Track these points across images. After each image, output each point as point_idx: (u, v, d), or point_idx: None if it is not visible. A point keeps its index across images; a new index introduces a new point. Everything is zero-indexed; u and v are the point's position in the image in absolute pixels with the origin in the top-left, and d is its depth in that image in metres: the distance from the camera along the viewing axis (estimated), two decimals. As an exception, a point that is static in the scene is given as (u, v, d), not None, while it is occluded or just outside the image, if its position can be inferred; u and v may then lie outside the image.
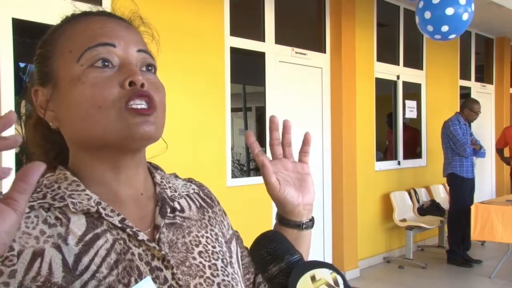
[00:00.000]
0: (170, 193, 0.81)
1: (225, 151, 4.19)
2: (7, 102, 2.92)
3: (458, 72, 7.61)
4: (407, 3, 6.16)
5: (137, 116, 0.69)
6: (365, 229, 5.61)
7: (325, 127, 5.23)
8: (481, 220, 5.07)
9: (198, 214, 0.83)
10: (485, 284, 5.11)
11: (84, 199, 0.71)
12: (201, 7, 3.99)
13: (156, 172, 0.83)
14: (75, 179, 0.73)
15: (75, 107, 0.70)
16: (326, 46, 5.25)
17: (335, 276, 0.58)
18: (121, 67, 0.71)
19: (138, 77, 0.70)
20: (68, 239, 0.67)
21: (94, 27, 0.73)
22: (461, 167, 5.55)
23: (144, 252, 0.71)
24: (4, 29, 2.91)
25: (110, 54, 0.71)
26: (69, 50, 0.72)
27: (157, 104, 0.72)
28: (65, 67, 0.72)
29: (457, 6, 3.82)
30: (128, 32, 0.75)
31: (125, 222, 0.71)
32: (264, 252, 0.62)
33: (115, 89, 0.70)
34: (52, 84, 0.74)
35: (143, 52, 0.75)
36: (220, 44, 4.15)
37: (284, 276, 0.59)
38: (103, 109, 0.69)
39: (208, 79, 4.05)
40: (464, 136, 5.53)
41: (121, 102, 0.69)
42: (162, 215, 0.76)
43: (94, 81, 0.69)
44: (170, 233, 0.76)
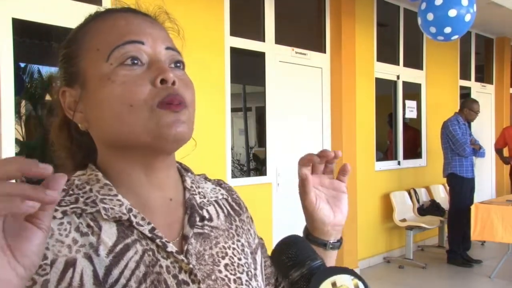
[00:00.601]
0: (199, 200, 0.79)
1: (225, 151, 4.19)
2: (7, 102, 2.92)
3: (458, 72, 7.61)
4: (407, 3, 6.16)
5: (169, 114, 0.68)
6: (365, 229, 5.61)
7: (325, 127, 5.23)
8: (481, 220, 5.07)
9: (226, 223, 0.81)
10: (485, 284, 5.11)
11: (116, 205, 0.69)
12: (201, 7, 3.99)
13: (186, 175, 0.82)
14: (107, 182, 0.71)
15: (106, 106, 0.69)
16: (326, 46, 5.25)
17: (356, 282, 0.58)
18: (151, 64, 0.70)
19: (169, 75, 0.69)
20: (99, 250, 0.66)
21: (120, 24, 0.72)
22: (460, 167, 5.56)
23: (172, 264, 0.69)
24: (4, 29, 2.91)
25: (139, 51, 0.70)
26: (96, 48, 0.71)
27: (188, 102, 0.71)
28: (93, 66, 0.71)
29: (459, 7, 3.83)
30: (155, 29, 0.74)
31: (155, 232, 0.70)
32: (285, 257, 0.62)
33: (147, 87, 0.68)
34: (80, 83, 0.72)
35: (171, 49, 0.74)
36: (220, 44, 4.15)
37: (305, 282, 0.59)
38: (135, 108, 0.67)
39: (208, 79, 4.05)
40: (463, 136, 5.53)
41: (153, 100, 0.68)
42: (191, 225, 0.75)
43: (125, 79, 0.68)
44: (198, 244, 0.74)
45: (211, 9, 4.08)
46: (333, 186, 0.86)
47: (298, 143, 4.96)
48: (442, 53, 7.01)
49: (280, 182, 4.70)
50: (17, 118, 5.06)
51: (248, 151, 6.02)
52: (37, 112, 5.30)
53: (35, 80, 5.51)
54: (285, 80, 4.79)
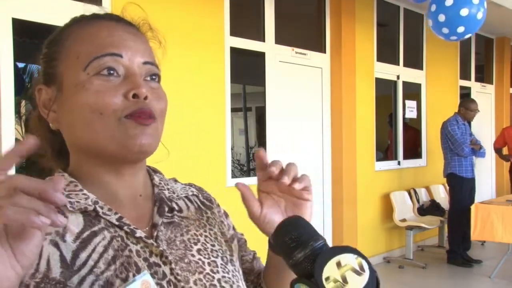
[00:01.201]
0: (168, 194, 0.82)
1: (225, 151, 4.19)
2: (7, 102, 2.92)
3: (458, 72, 7.61)
4: (407, 3, 6.16)
5: (136, 126, 0.70)
6: (365, 229, 5.61)
7: (325, 127, 5.23)
8: (481, 220, 5.07)
9: (196, 214, 0.84)
10: (485, 284, 5.10)
11: (81, 199, 0.72)
12: (201, 7, 3.99)
13: (155, 175, 0.85)
14: (72, 180, 0.74)
15: (78, 112, 0.71)
16: (326, 46, 5.25)
17: (360, 261, 0.58)
18: (126, 77, 0.72)
19: (141, 90, 0.71)
20: (66, 236, 0.68)
21: (102, 35, 0.74)
22: (460, 167, 5.56)
23: (142, 249, 0.72)
24: (4, 29, 2.91)
25: (117, 63, 0.72)
26: (76, 55, 0.73)
27: (157, 115, 0.73)
28: (71, 73, 0.73)
29: (470, 6, 3.85)
30: (136, 42, 0.76)
31: (123, 220, 0.72)
32: (288, 239, 0.62)
33: (119, 98, 0.71)
34: (57, 86, 0.75)
35: (149, 63, 0.76)
36: (220, 44, 4.15)
37: (309, 263, 0.59)
38: (104, 116, 0.70)
39: (208, 79, 4.05)
40: (462, 136, 5.54)
41: (122, 112, 0.70)
42: (160, 214, 0.77)
43: (99, 89, 0.70)
44: (168, 231, 0.77)
45: (211, 9, 4.08)
46: (293, 192, 0.79)
47: (298, 143, 4.96)
48: (442, 53, 7.01)
49: (280, 182, 4.69)
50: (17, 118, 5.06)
51: (248, 151, 6.02)
52: (37, 112, 5.29)
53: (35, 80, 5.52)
54: (285, 80, 4.79)
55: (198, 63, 3.96)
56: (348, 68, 5.24)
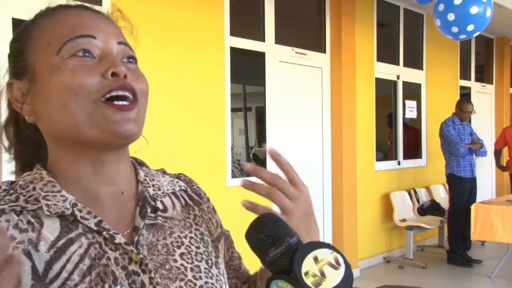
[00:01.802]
0: (152, 192, 0.78)
1: (225, 151, 4.19)
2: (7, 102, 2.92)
3: (458, 72, 7.61)
4: (407, 3, 6.16)
5: (116, 113, 0.67)
6: (365, 229, 5.61)
7: (325, 127, 5.23)
8: (481, 220, 5.07)
9: (182, 213, 0.80)
10: (485, 284, 5.11)
11: (59, 201, 0.68)
12: (201, 7, 3.99)
13: (140, 169, 0.80)
14: (51, 179, 0.70)
15: (53, 96, 0.68)
16: (326, 46, 5.25)
17: (335, 255, 0.59)
18: (102, 58, 0.69)
19: (121, 68, 0.68)
20: (39, 245, 0.64)
21: (72, 20, 0.71)
22: (458, 167, 5.57)
23: (121, 256, 0.68)
24: (4, 29, 2.91)
25: (91, 45, 0.69)
26: (47, 42, 0.70)
27: (139, 96, 0.70)
28: (43, 59, 0.70)
29: (479, 4, 3.86)
30: (107, 25, 0.73)
31: (102, 224, 0.68)
32: (264, 235, 0.61)
33: (96, 78, 0.67)
34: (29, 77, 0.71)
35: (124, 44, 0.73)
36: (220, 44, 4.15)
37: (286, 259, 0.59)
38: (79, 97, 0.66)
39: (208, 79, 4.05)
40: (457, 136, 5.54)
41: (99, 93, 0.67)
42: (142, 216, 0.73)
43: (74, 68, 0.67)
44: (150, 235, 0.73)
45: (211, 9, 4.08)
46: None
47: (298, 143, 4.96)
48: (442, 53, 7.01)
49: (280, 182, 4.70)
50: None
51: (248, 151, 6.02)
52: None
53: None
54: (285, 80, 4.79)
55: (198, 63, 3.96)
56: (348, 68, 5.24)
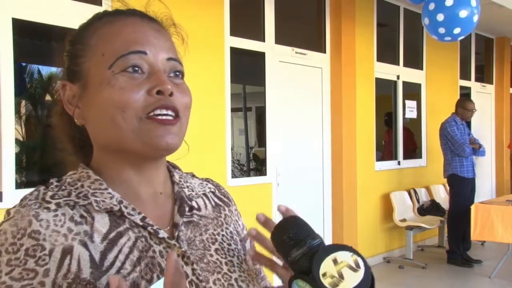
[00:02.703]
0: (188, 192, 0.83)
1: (225, 151, 4.20)
2: (7, 102, 2.92)
3: (458, 72, 7.61)
4: (407, 3, 6.16)
5: (159, 127, 0.71)
6: (365, 229, 5.61)
7: (325, 127, 5.23)
8: (481, 220, 5.07)
9: (214, 212, 0.85)
10: (485, 284, 5.11)
11: (106, 198, 0.73)
12: (201, 7, 3.99)
13: (174, 171, 0.86)
14: (97, 178, 0.75)
15: (102, 109, 0.72)
16: (326, 46, 5.25)
17: (355, 258, 0.60)
18: (151, 74, 0.73)
19: (167, 87, 0.71)
20: (94, 237, 0.69)
21: (127, 31, 0.74)
22: (461, 167, 5.55)
23: (165, 250, 0.73)
24: (4, 29, 2.91)
25: (141, 60, 0.73)
26: (101, 53, 0.73)
27: (181, 113, 0.74)
28: (97, 70, 0.73)
29: (469, 8, 3.87)
30: (159, 38, 0.76)
31: (146, 220, 0.73)
32: (286, 237, 0.64)
33: (142, 95, 0.71)
34: (82, 83, 0.75)
35: (173, 60, 0.76)
36: (220, 44, 4.15)
37: (306, 260, 0.61)
38: (126, 114, 0.70)
39: (208, 79, 4.05)
40: (462, 136, 5.54)
41: (145, 110, 0.71)
42: (181, 214, 0.78)
43: (123, 85, 0.71)
44: (188, 231, 0.78)
45: (211, 9, 4.08)
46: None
47: (298, 143, 4.96)
48: (442, 53, 7.01)
49: (280, 182, 4.70)
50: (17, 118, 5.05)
51: (248, 151, 6.02)
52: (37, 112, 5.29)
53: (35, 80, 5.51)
54: (285, 80, 4.79)
55: (198, 63, 3.96)
56: (348, 68, 5.24)
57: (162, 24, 0.80)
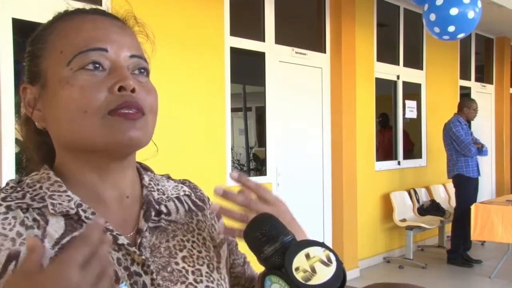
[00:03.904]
0: (157, 196, 0.79)
1: (225, 151, 4.19)
2: (7, 102, 2.92)
3: (458, 72, 7.61)
4: (407, 3, 6.16)
5: (123, 122, 0.68)
6: (365, 229, 5.61)
7: (325, 127, 5.23)
8: (481, 220, 5.07)
9: (186, 217, 0.81)
10: (485, 284, 5.11)
11: (64, 200, 0.70)
12: (201, 7, 3.99)
13: (145, 174, 0.82)
14: (57, 180, 0.72)
15: (62, 109, 0.69)
16: (326, 46, 5.25)
17: (327, 253, 0.61)
18: (112, 71, 0.70)
19: (128, 82, 0.68)
20: (45, 242, 0.66)
21: (87, 28, 0.71)
22: (467, 167, 5.53)
23: (124, 257, 0.70)
24: (4, 29, 2.91)
25: (102, 57, 0.70)
26: (59, 50, 0.71)
27: (146, 110, 0.71)
28: (55, 68, 0.71)
29: (461, 6, 3.85)
30: (122, 35, 0.73)
31: (106, 225, 0.70)
32: (259, 233, 0.64)
33: (103, 94, 0.68)
34: (41, 83, 0.72)
35: (136, 57, 0.73)
36: (220, 44, 4.15)
37: (279, 256, 0.61)
38: (89, 114, 0.67)
39: (208, 79, 4.05)
40: (466, 136, 5.54)
41: (107, 108, 0.68)
42: (146, 219, 0.75)
43: (83, 84, 0.68)
44: (153, 237, 0.75)
45: (211, 9, 4.08)
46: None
47: (298, 143, 4.96)
48: (442, 53, 7.01)
49: (280, 182, 4.70)
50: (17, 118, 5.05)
51: (248, 151, 6.02)
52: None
53: (35, 80, 5.51)
54: (285, 80, 4.79)
55: (198, 63, 3.96)
56: (348, 68, 5.24)
57: (125, 22, 0.77)
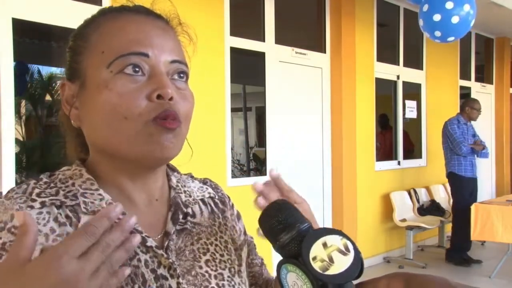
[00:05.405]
0: (184, 198, 0.80)
1: (225, 151, 4.19)
2: (7, 102, 2.92)
3: (458, 72, 7.61)
4: (407, 3, 6.16)
5: (162, 131, 0.68)
6: (365, 229, 5.61)
7: (325, 127, 5.23)
8: (481, 220, 5.07)
9: (209, 220, 0.82)
10: (485, 284, 5.10)
11: (96, 199, 0.70)
12: (201, 7, 3.99)
13: (172, 175, 0.82)
14: (89, 177, 0.72)
15: (100, 113, 0.69)
16: (326, 46, 5.25)
17: (345, 242, 0.60)
18: (151, 76, 0.69)
19: (167, 91, 0.68)
20: None
21: (129, 29, 0.71)
22: (459, 166, 5.58)
23: (151, 259, 0.70)
24: (4, 29, 2.90)
25: (142, 62, 0.69)
26: (101, 50, 0.70)
27: (182, 118, 0.70)
28: (95, 69, 0.70)
29: (443, 12, 3.85)
30: (164, 38, 0.72)
31: (135, 226, 0.70)
32: (275, 221, 0.63)
33: (143, 101, 0.68)
34: (81, 82, 0.72)
35: (177, 62, 0.72)
36: (220, 44, 4.15)
37: (295, 244, 0.60)
38: (129, 120, 0.67)
39: (208, 79, 4.05)
40: (461, 135, 5.57)
41: (149, 115, 0.67)
42: (174, 221, 0.76)
43: (122, 90, 0.68)
44: (179, 240, 0.75)
45: (211, 9, 4.08)
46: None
47: (298, 143, 4.96)
48: (442, 53, 7.01)
49: (280, 182, 4.70)
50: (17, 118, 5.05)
51: (248, 151, 6.03)
52: (37, 112, 5.29)
53: (35, 80, 5.51)
54: (285, 80, 4.79)
55: (198, 63, 3.94)
56: (348, 68, 5.24)
57: (168, 22, 0.77)
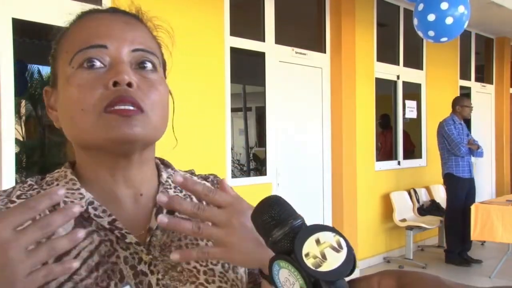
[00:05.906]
0: (173, 194, 0.78)
1: (225, 151, 4.19)
2: (7, 102, 2.92)
3: (458, 72, 7.61)
4: (407, 3, 6.16)
5: (118, 119, 0.67)
6: (365, 229, 5.61)
7: (325, 127, 5.23)
8: (481, 220, 5.07)
9: None
10: (485, 284, 5.10)
11: (76, 198, 0.71)
12: (201, 7, 3.99)
13: (164, 171, 0.81)
14: (72, 178, 0.74)
15: (65, 109, 0.71)
16: (326, 46, 5.25)
17: (338, 239, 0.59)
18: (111, 67, 0.69)
19: (123, 77, 0.67)
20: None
21: (90, 26, 0.72)
22: (457, 167, 5.56)
23: (131, 256, 0.70)
24: (4, 29, 2.91)
25: (101, 54, 0.69)
26: (65, 50, 0.72)
27: (146, 106, 0.69)
28: (61, 68, 0.72)
29: (438, 12, 3.86)
30: (125, 30, 0.72)
31: (115, 223, 0.70)
32: (268, 217, 0.62)
33: (98, 90, 0.68)
34: (55, 84, 0.74)
35: (140, 50, 0.72)
36: (220, 44, 4.15)
37: (288, 240, 0.59)
38: (85, 112, 0.67)
39: (208, 79, 4.05)
40: (459, 135, 5.55)
41: (101, 105, 0.67)
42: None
43: (80, 82, 0.68)
44: (164, 236, 0.74)
45: (211, 9, 4.08)
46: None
47: (298, 143, 4.96)
48: (442, 53, 7.01)
49: (280, 182, 4.70)
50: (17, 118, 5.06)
51: (248, 151, 6.03)
52: (37, 112, 5.30)
53: (35, 80, 5.52)
54: (285, 80, 4.79)
55: (198, 63, 3.96)
56: (348, 68, 5.24)
57: (138, 17, 0.77)
